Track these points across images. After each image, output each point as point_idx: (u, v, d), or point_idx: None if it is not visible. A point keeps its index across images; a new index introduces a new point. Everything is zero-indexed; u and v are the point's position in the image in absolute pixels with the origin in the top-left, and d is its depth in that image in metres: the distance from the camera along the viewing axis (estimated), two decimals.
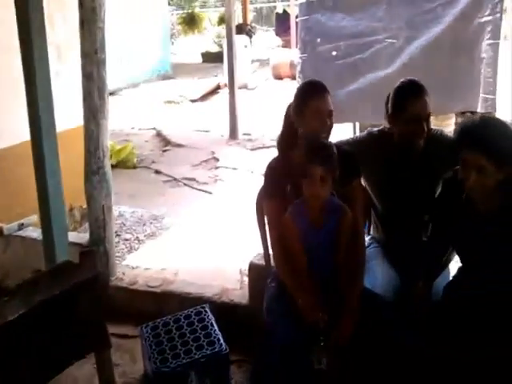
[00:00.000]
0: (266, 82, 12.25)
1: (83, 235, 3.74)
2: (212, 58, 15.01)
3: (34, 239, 3.56)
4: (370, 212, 2.69)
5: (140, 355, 2.82)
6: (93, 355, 2.00)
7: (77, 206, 4.61)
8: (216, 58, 13.97)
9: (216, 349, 2.53)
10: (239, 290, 3.21)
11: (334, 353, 2.12)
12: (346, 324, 2.11)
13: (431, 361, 2.07)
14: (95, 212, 3.23)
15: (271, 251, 2.47)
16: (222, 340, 2.58)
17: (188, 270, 3.58)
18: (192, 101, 10.65)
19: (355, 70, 4.00)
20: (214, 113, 9.31)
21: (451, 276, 2.46)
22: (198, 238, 4.35)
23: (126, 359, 2.95)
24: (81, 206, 4.46)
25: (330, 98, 2.33)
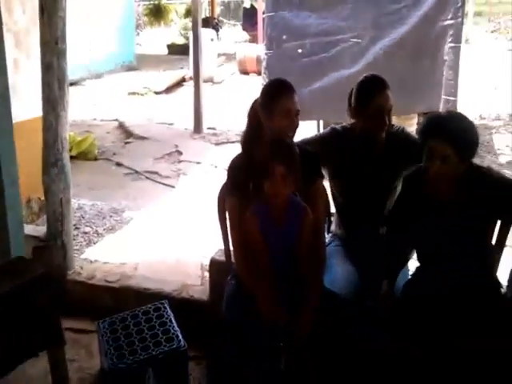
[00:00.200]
0: (232, 77, 12.20)
1: (40, 228, 3.65)
2: (178, 50, 14.85)
3: None
4: (330, 211, 2.72)
5: (97, 350, 2.78)
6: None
7: (35, 198, 4.50)
8: (182, 50, 13.82)
9: (174, 345, 2.51)
10: (200, 286, 3.18)
11: (291, 352, 2.12)
12: (303, 323, 2.12)
13: (394, 357, 2.10)
14: (53, 205, 3.17)
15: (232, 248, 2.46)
16: (181, 336, 2.56)
17: (148, 264, 3.53)
18: (156, 93, 10.50)
19: (320, 68, 4.03)
20: (179, 106, 9.20)
21: (410, 274, 2.51)
22: (159, 232, 4.30)
23: (82, 354, 2.91)
24: (39, 198, 4.34)
25: (297, 98, 2.33)
